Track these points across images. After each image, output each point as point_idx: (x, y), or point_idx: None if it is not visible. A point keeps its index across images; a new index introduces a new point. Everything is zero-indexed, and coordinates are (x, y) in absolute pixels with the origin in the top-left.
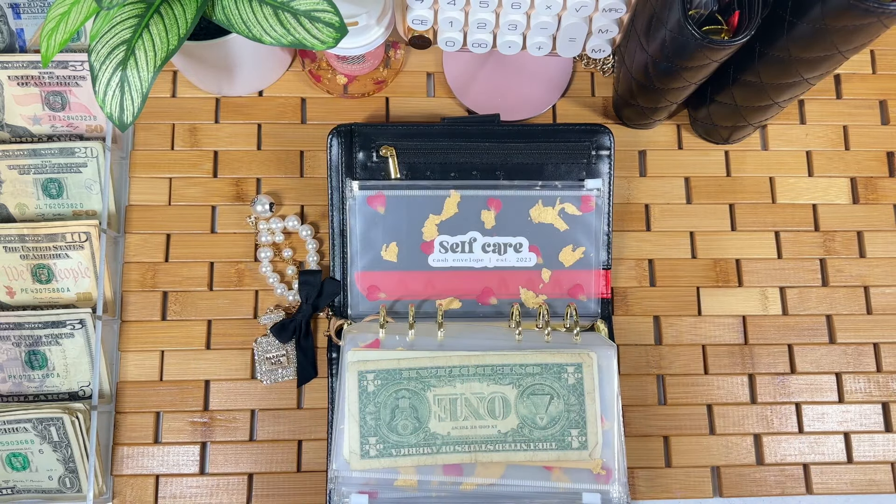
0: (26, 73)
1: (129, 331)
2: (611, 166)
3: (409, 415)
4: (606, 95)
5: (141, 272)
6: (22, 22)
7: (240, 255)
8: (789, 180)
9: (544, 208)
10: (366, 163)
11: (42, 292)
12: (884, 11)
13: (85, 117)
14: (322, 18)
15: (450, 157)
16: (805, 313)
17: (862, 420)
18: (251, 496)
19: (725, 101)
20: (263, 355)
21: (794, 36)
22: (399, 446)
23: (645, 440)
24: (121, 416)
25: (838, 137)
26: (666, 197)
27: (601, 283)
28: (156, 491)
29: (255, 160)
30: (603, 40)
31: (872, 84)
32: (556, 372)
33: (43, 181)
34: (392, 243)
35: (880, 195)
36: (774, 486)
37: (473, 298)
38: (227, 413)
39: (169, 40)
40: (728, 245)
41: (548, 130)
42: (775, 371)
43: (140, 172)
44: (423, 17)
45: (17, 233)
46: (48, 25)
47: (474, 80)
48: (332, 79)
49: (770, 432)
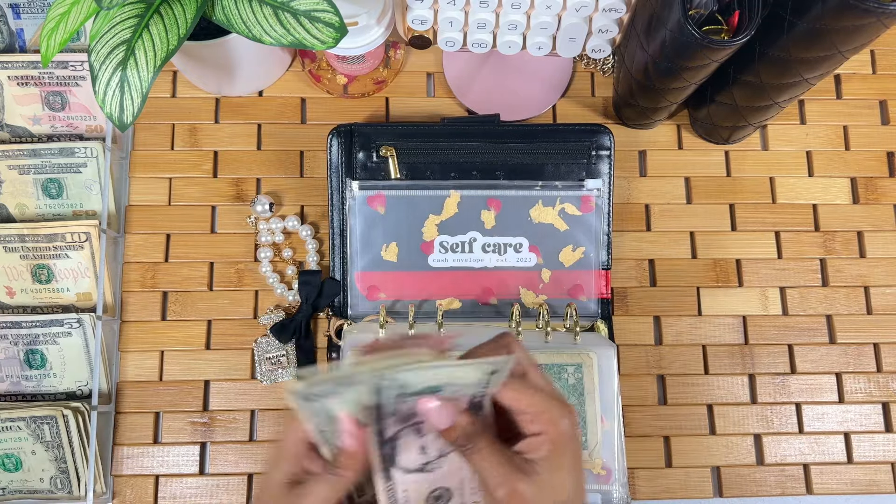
0: (26, 73)
1: (128, 331)
2: (611, 166)
3: None
4: (606, 95)
5: (141, 272)
6: (22, 22)
7: (240, 255)
8: (789, 180)
9: (544, 208)
10: (366, 163)
11: (42, 292)
12: (884, 11)
13: (85, 117)
14: (322, 18)
15: (450, 157)
16: (805, 313)
17: (862, 420)
18: (251, 496)
19: (725, 101)
20: (263, 355)
21: (794, 36)
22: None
23: (645, 440)
24: (120, 416)
25: (838, 137)
26: (666, 197)
27: (601, 284)
28: (155, 491)
29: (255, 160)
30: (603, 40)
31: (872, 84)
32: (556, 372)
33: (43, 181)
34: (392, 243)
35: (880, 195)
36: (775, 486)
37: (473, 298)
38: (227, 413)
39: (169, 40)
40: (728, 245)
41: (548, 130)
42: (775, 371)
43: (140, 172)
44: (423, 17)
45: (17, 233)
46: (48, 25)
47: (474, 80)
48: (332, 79)
49: (770, 432)
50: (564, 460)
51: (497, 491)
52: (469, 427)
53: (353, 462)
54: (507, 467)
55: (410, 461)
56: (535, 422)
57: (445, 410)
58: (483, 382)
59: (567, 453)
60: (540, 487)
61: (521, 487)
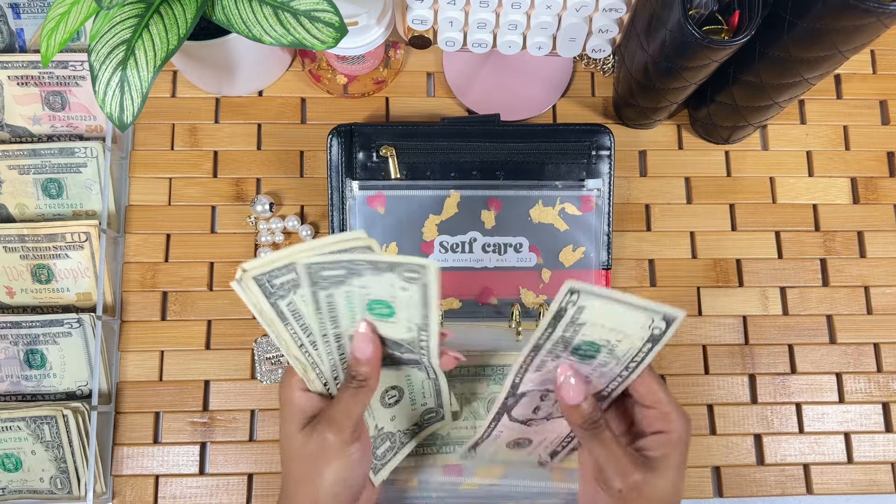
0: (26, 73)
1: (128, 331)
2: (611, 166)
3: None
4: (606, 95)
5: (141, 272)
6: (22, 22)
7: (240, 255)
8: (789, 180)
9: (544, 208)
10: (366, 163)
11: (42, 292)
12: (884, 11)
13: (85, 117)
14: (322, 18)
15: (450, 157)
16: (805, 313)
17: (862, 420)
18: (251, 496)
19: (725, 101)
20: (263, 355)
21: (795, 36)
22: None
23: None
24: (120, 416)
25: (838, 137)
26: (666, 197)
27: (601, 284)
28: (155, 491)
29: (255, 160)
30: (603, 40)
31: (872, 84)
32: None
33: (43, 181)
34: (392, 243)
35: (880, 195)
36: (775, 486)
37: (473, 298)
38: (227, 413)
39: (169, 40)
40: (728, 245)
41: (548, 130)
42: (776, 371)
43: (140, 172)
44: (423, 17)
45: (16, 233)
46: (48, 25)
47: (474, 80)
48: (332, 79)
49: (770, 432)
50: (682, 462)
51: (615, 481)
52: (594, 413)
53: (374, 370)
54: (628, 459)
55: (520, 414)
56: (662, 420)
57: (579, 388)
58: (635, 353)
59: (682, 457)
60: (658, 484)
61: (640, 481)
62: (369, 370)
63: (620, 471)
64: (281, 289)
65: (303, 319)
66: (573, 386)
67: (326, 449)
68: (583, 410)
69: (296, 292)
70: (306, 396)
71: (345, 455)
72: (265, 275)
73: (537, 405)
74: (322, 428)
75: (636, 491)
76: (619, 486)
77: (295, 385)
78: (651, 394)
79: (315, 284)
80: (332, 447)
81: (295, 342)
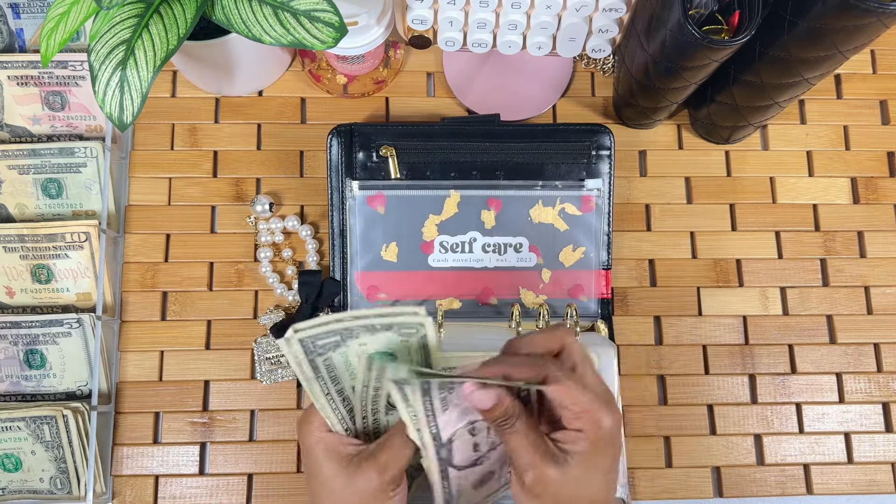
0: (26, 73)
1: (128, 331)
2: (611, 166)
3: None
4: (606, 95)
5: (141, 272)
6: (22, 22)
7: (239, 255)
8: (790, 180)
9: (544, 208)
10: (366, 163)
11: (42, 292)
12: (884, 11)
13: (85, 117)
14: (322, 18)
15: (450, 157)
16: (805, 313)
17: (862, 420)
18: (251, 496)
19: (726, 101)
20: (263, 355)
21: (795, 36)
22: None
23: (645, 440)
24: (120, 416)
25: (838, 137)
26: (666, 197)
27: (601, 284)
28: (155, 491)
29: (255, 160)
30: (603, 40)
31: (872, 84)
32: None
33: (42, 181)
34: (392, 243)
35: (881, 195)
36: (775, 486)
37: (473, 298)
38: (227, 413)
39: (169, 40)
40: (728, 245)
41: (548, 130)
42: (776, 371)
43: (140, 172)
44: (423, 16)
45: (16, 233)
46: (48, 25)
47: (474, 80)
48: (332, 79)
49: (770, 432)
50: (600, 461)
51: (526, 473)
52: (511, 408)
53: (511, 406)
54: (540, 451)
55: (464, 459)
56: (578, 419)
57: (488, 392)
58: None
59: (604, 456)
60: (568, 479)
61: (550, 473)
62: (505, 407)
63: (530, 462)
64: (321, 348)
65: (334, 372)
66: (482, 392)
67: (372, 492)
68: (496, 411)
69: (335, 350)
70: (334, 436)
71: (388, 499)
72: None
73: (475, 442)
74: (367, 467)
75: (541, 484)
76: (528, 479)
77: (320, 426)
78: (562, 394)
79: (312, 353)
80: (377, 490)
81: (322, 391)
